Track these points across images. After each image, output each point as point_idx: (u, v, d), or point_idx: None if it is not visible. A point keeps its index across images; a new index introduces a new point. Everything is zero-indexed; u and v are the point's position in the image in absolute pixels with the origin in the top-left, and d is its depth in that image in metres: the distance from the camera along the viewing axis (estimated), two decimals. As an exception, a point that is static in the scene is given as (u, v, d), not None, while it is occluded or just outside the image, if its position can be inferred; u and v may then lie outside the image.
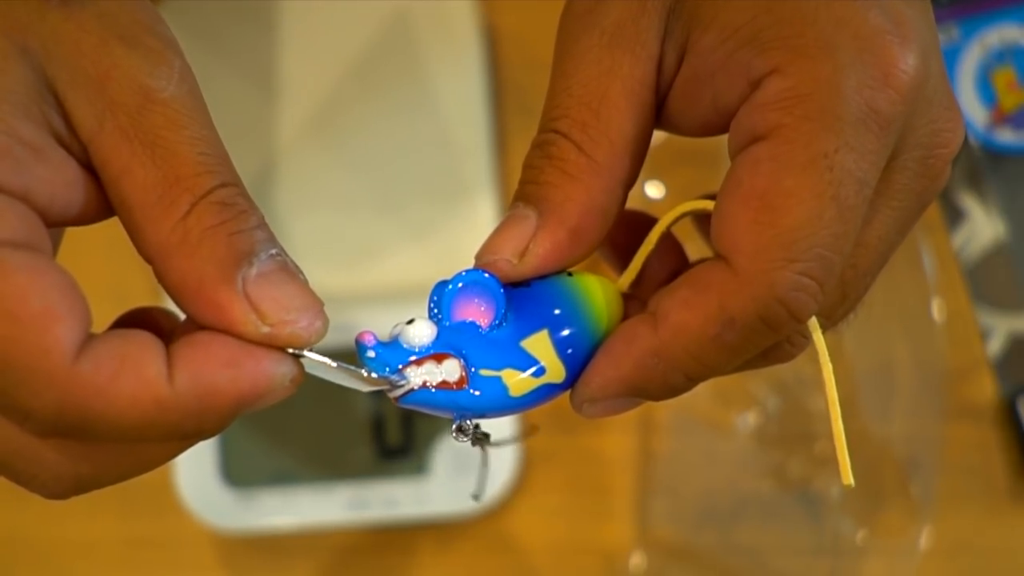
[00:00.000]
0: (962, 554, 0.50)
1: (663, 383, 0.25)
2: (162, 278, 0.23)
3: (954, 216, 0.52)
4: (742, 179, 0.24)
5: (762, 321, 0.24)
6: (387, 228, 0.51)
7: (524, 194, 0.26)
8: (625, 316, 0.28)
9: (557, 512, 0.51)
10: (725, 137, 0.26)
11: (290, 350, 0.23)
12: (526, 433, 0.28)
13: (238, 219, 0.23)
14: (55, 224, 0.23)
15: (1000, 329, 0.52)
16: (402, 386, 0.24)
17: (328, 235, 0.51)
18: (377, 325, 0.50)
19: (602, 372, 0.26)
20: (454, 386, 0.24)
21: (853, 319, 0.28)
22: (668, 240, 0.28)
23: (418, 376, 0.24)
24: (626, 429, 0.51)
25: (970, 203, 0.52)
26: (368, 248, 0.51)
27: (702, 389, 0.49)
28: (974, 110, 0.52)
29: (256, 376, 0.23)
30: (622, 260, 0.29)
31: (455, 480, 0.49)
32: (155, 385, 0.22)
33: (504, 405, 0.25)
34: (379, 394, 0.25)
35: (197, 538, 0.51)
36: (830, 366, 0.26)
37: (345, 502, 0.49)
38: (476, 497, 0.29)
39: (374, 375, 0.24)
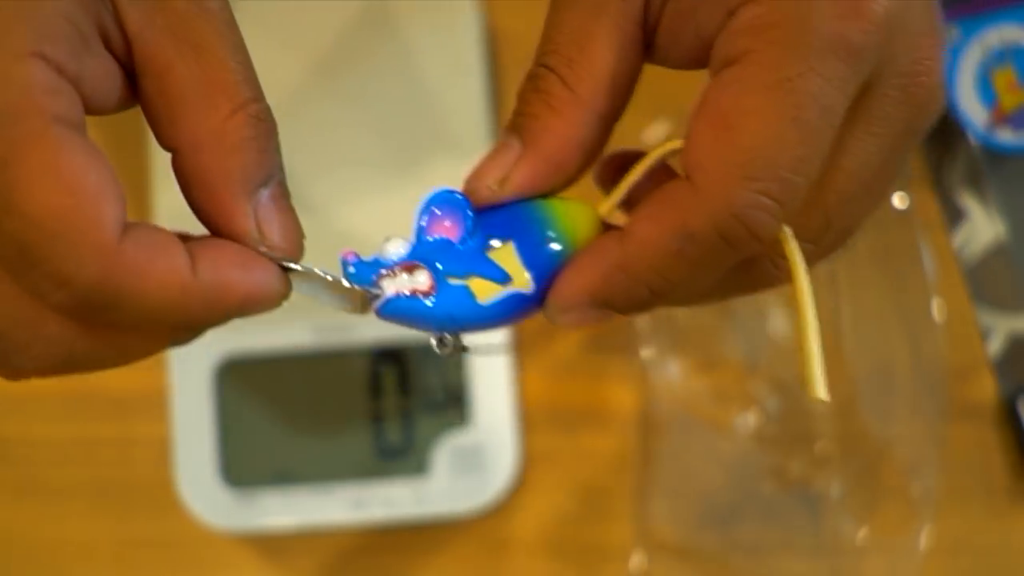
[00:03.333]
0: (962, 554, 0.50)
1: (627, 295, 0.26)
2: (184, 170, 0.25)
3: (954, 216, 0.52)
4: (708, 100, 0.25)
5: (721, 237, 0.24)
6: (387, 230, 0.51)
7: (513, 124, 0.28)
8: None
9: (557, 512, 0.51)
10: None
11: (282, 263, 0.26)
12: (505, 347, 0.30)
13: (267, 136, 0.25)
14: (90, 114, 0.24)
15: (1000, 329, 0.52)
16: (378, 296, 0.27)
17: (327, 242, 0.51)
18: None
19: (570, 282, 0.27)
20: (424, 294, 0.27)
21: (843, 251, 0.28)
22: (664, 172, 0.29)
23: (392, 285, 0.27)
24: (626, 429, 0.51)
25: (970, 203, 0.52)
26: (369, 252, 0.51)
27: (702, 389, 0.49)
28: (974, 110, 0.52)
29: (262, 280, 0.25)
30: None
31: (455, 480, 0.49)
32: (183, 272, 0.24)
33: (475, 312, 0.27)
34: (362, 309, 0.27)
35: (197, 538, 0.51)
36: (803, 275, 0.26)
37: (345, 502, 0.49)
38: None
39: (354, 285, 0.27)
